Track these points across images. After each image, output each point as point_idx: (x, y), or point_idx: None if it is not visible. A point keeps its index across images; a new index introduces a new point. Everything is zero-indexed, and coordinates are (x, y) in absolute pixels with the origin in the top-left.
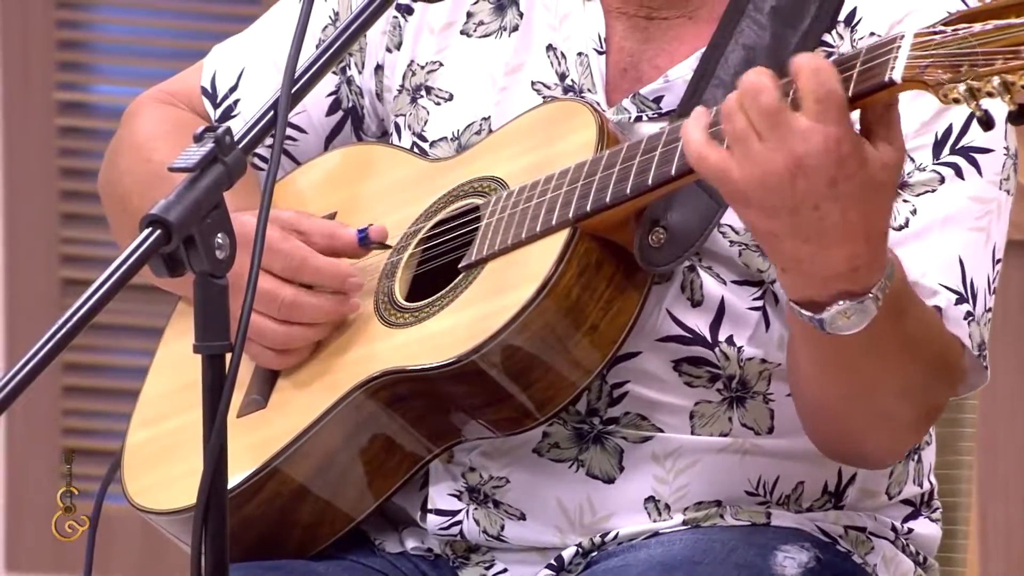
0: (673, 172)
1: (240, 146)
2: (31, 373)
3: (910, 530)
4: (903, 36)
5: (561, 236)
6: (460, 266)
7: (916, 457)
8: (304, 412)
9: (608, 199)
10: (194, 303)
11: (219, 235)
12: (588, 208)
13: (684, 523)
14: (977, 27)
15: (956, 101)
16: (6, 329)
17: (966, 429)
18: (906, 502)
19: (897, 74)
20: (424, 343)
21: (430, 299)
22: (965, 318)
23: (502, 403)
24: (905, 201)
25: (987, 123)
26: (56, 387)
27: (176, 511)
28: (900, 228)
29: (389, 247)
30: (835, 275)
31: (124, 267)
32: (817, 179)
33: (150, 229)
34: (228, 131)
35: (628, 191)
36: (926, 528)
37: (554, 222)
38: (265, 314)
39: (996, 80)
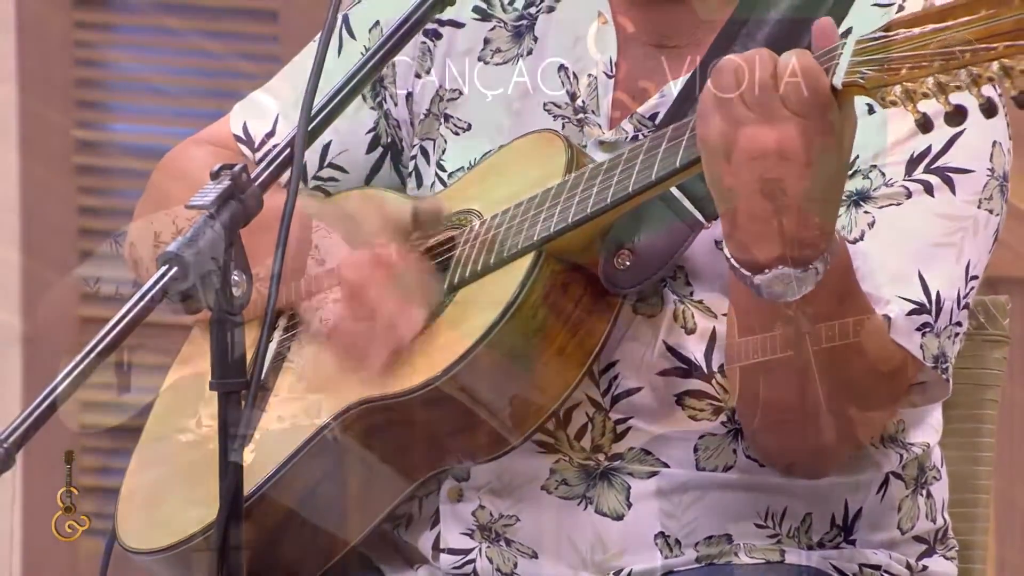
0: (631, 189)
1: (257, 183)
2: (49, 410)
3: (925, 567)
4: (844, 43)
5: (527, 259)
6: None
7: (925, 492)
8: (280, 449)
9: (571, 219)
10: (210, 341)
11: (235, 273)
12: (552, 230)
13: (697, 560)
14: (916, 31)
15: (893, 103)
16: (24, 365)
17: (982, 467)
18: (920, 539)
19: (838, 80)
20: (395, 371)
21: None
22: (919, 329)
23: (474, 428)
24: (866, 212)
25: (924, 126)
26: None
27: (161, 550)
28: (855, 241)
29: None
30: (782, 239)
31: (141, 304)
32: (793, 162)
33: (167, 266)
34: (244, 168)
35: (588, 210)
36: (941, 566)
37: (520, 246)
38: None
39: (931, 80)
